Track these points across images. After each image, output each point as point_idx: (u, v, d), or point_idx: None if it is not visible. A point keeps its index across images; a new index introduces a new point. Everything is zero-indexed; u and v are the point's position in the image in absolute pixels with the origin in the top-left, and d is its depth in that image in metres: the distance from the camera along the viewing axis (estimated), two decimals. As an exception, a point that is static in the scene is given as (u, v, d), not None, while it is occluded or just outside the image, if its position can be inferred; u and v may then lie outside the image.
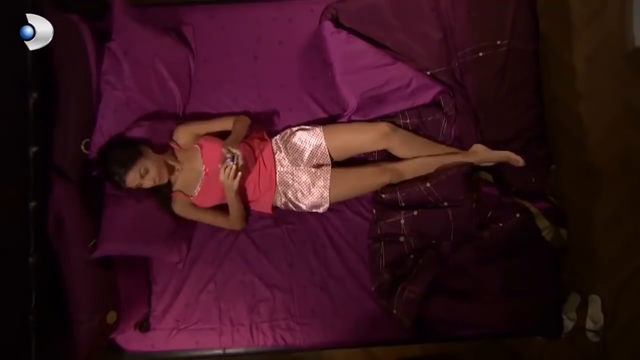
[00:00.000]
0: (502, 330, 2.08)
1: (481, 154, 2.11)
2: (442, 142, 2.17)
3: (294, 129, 2.13)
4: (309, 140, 2.07)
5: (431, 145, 2.14)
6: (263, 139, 2.16)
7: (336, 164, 2.13)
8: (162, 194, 2.04)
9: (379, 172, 2.08)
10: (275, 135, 2.18)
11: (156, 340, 2.17)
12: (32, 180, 1.89)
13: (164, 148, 2.04)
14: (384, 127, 2.06)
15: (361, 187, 2.12)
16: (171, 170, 1.98)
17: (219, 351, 2.17)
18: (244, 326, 2.15)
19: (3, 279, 1.77)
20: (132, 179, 1.86)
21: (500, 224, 2.03)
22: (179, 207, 2.05)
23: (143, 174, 1.87)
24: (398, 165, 2.11)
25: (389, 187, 2.12)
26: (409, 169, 2.11)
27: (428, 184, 2.07)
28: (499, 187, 2.10)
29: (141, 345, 2.17)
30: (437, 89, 2.10)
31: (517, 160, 2.07)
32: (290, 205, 2.12)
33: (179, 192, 2.05)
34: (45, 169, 1.94)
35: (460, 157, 2.11)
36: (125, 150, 1.87)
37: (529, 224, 2.03)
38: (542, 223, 2.04)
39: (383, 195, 2.12)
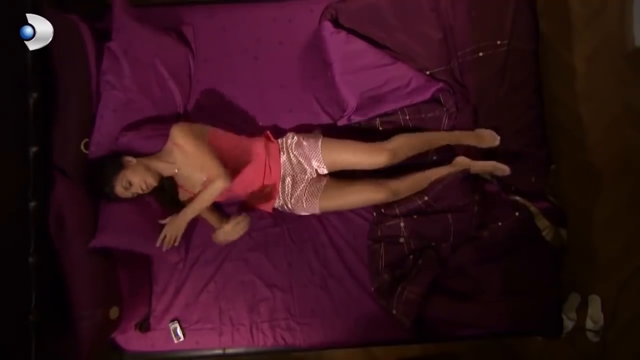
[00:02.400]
0: (502, 330, 2.08)
1: (464, 165, 2.09)
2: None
3: (293, 138, 2.09)
4: (305, 153, 2.05)
5: (431, 144, 2.13)
6: (269, 140, 2.12)
7: (332, 173, 2.11)
8: (166, 194, 2.05)
9: (374, 190, 2.02)
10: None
11: (156, 340, 2.17)
12: (32, 180, 1.89)
13: (156, 150, 2.01)
14: (384, 157, 1.99)
15: (355, 203, 2.08)
16: (157, 175, 1.96)
17: (219, 351, 2.17)
18: (244, 326, 2.15)
19: (3, 279, 1.77)
20: (120, 192, 1.90)
21: (500, 223, 2.03)
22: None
23: (126, 187, 1.89)
24: (392, 185, 2.04)
25: (388, 204, 2.09)
26: (403, 188, 2.07)
27: (426, 198, 2.06)
28: (499, 185, 2.11)
29: (141, 345, 2.17)
30: (437, 86, 2.10)
31: (503, 169, 2.07)
32: (286, 209, 2.12)
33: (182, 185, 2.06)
34: (45, 169, 1.94)
35: (445, 169, 2.09)
36: (106, 167, 1.90)
37: (528, 223, 2.03)
38: (542, 223, 2.04)
39: (382, 210, 2.12)
